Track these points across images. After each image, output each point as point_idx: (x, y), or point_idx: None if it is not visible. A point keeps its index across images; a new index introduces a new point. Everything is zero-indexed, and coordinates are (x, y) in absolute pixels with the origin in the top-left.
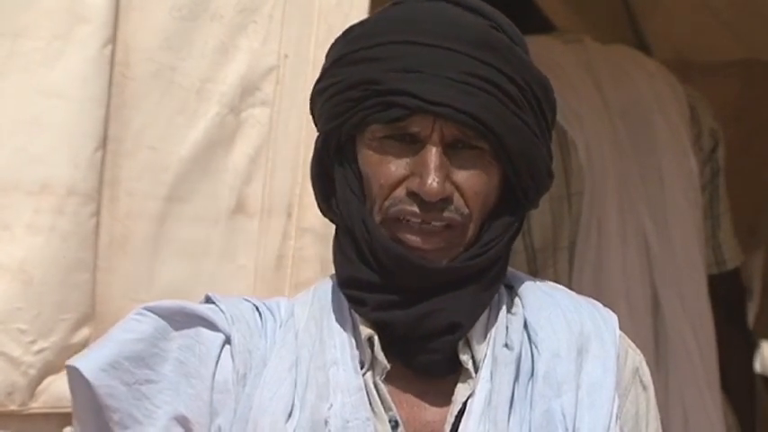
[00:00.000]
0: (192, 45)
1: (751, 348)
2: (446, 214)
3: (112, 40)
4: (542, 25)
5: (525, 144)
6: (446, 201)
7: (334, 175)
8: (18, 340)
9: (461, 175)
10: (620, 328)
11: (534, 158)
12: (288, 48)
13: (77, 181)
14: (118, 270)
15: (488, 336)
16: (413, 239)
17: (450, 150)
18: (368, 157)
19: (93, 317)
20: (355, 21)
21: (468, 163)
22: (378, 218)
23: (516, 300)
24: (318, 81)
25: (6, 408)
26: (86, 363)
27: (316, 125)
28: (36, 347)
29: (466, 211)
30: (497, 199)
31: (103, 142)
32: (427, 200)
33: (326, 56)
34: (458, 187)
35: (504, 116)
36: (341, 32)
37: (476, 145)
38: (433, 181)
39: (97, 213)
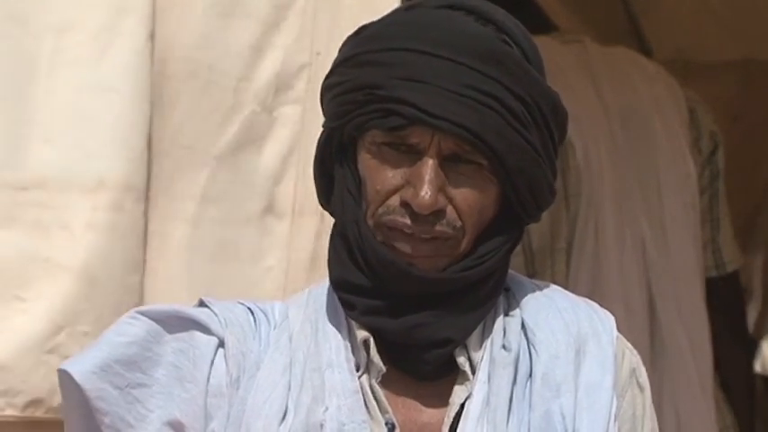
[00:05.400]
0: (228, 43)
1: (750, 350)
2: (437, 228)
3: (153, 34)
4: (544, 25)
5: (526, 162)
6: (438, 214)
7: (334, 172)
8: (81, 343)
9: (457, 189)
10: (617, 330)
11: (535, 176)
12: (319, 45)
13: (133, 176)
14: (157, 272)
15: (485, 338)
16: (403, 246)
17: (448, 163)
18: (366, 161)
19: None
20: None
21: (464, 177)
22: (371, 222)
23: (513, 302)
24: (327, 77)
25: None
26: (76, 366)
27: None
28: None
29: (459, 224)
30: (496, 212)
31: (149, 138)
32: (418, 212)
33: (339, 52)
34: (452, 200)
35: (504, 133)
36: None
37: (474, 159)
38: (425, 194)
39: (147, 212)
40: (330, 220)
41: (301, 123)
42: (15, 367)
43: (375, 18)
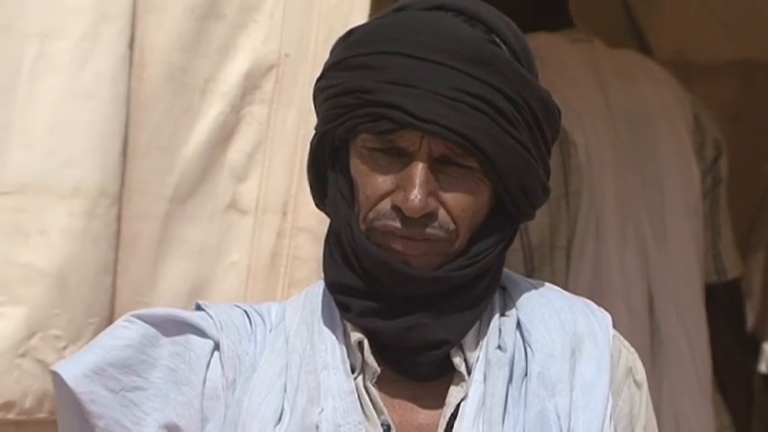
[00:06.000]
0: (199, 45)
1: (749, 355)
2: (429, 230)
3: (133, 41)
4: (564, 19)
5: (518, 163)
6: (429, 217)
7: (327, 175)
8: (53, 347)
9: (448, 192)
10: (619, 329)
11: (528, 177)
12: (288, 47)
13: (107, 183)
14: (127, 272)
15: (481, 338)
16: (396, 245)
17: (439, 166)
18: (357, 166)
19: (112, 320)
20: (356, 20)
21: (456, 180)
22: (363, 226)
23: (510, 301)
24: (319, 79)
25: (36, 416)
26: (69, 368)
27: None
28: (67, 353)
29: (452, 226)
30: (489, 211)
31: (125, 143)
32: (409, 215)
33: (330, 54)
34: (444, 204)
35: (495, 135)
36: (342, 32)
37: (464, 163)
38: (415, 197)
39: (119, 215)
40: (292, 219)
41: (267, 123)
42: None
43: (346, 20)
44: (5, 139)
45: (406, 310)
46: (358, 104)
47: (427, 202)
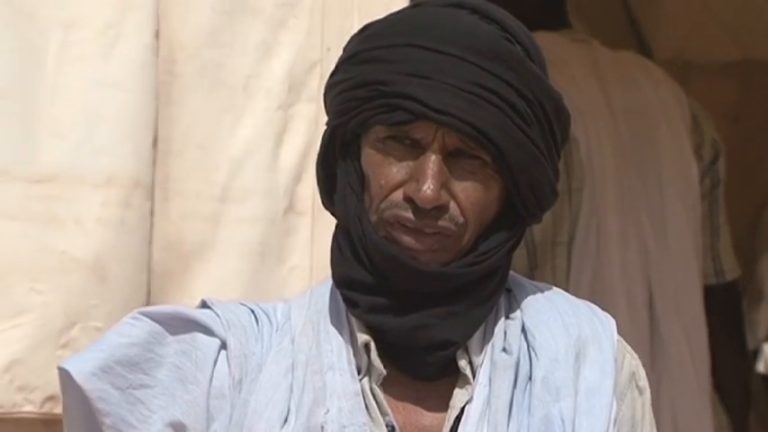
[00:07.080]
0: (235, 41)
1: (746, 355)
2: (440, 223)
3: (158, 32)
4: (561, 20)
5: (528, 159)
6: (441, 209)
7: (337, 170)
8: (94, 338)
9: (460, 185)
10: (620, 327)
11: (537, 174)
12: (330, 41)
13: (141, 173)
14: (174, 274)
15: (486, 341)
16: (406, 239)
17: (451, 159)
18: (370, 157)
19: None
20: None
21: (467, 173)
22: (374, 218)
23: (515, 303)
24: (332, 75)
25: None
26: (77, 366)
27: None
28: None
29: (461, 220)
30: (498, 209)
31: (157, 137)
32: (421, 206)
33: (343, 50)
34: (455, 196)
35: (507, 129)
36: None
37: (477, 155)
38: (428, 188)
39: (152, 211)
40: None
41: (317, 121)
42: (30, 362)
43: (385, 12)
44: (34, 128)
45: (414, 308)
46: (372, 96)
47: (440, 194)
